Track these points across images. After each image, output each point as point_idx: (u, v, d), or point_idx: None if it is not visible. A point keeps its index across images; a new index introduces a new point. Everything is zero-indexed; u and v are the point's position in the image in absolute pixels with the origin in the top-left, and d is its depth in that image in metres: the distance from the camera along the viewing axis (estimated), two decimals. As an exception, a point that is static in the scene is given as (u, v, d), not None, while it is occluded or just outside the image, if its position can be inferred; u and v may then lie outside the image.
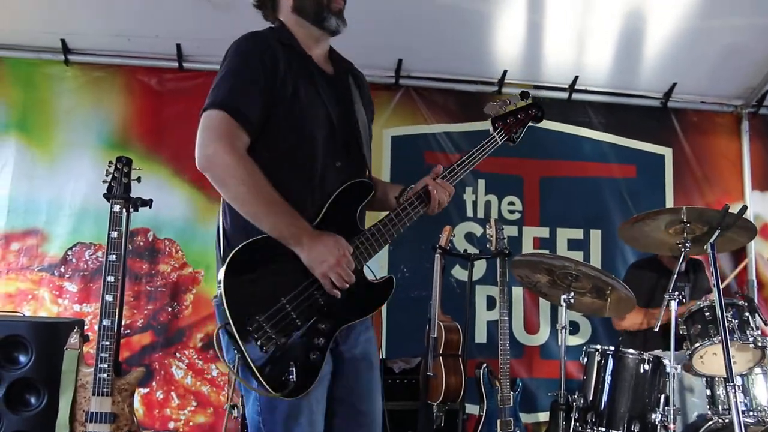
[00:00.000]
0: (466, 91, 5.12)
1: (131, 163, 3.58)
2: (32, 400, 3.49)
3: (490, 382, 4.00)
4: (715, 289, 3.12)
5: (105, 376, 3.31)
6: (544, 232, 5.14)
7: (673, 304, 3.41)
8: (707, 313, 3.53)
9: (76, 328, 3.45)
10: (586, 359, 3.80)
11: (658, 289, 4.15)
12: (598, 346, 3.78)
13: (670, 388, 3.41)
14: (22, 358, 3.50)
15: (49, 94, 4.74)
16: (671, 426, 3.37)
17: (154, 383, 4.59)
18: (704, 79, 5.13)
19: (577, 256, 4.98)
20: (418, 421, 3.95)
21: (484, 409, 4.00)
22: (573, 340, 4.95)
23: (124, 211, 3.51)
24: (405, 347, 4.39)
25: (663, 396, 3.48)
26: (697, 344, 3.48)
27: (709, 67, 5.01)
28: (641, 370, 3.58)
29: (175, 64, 4.78)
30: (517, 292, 5.00)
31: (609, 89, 5.23)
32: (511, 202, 5.13)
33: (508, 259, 4.06)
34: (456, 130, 5.08)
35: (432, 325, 3.98)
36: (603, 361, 3.69)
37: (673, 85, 5.17)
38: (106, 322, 3.34)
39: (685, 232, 3.45)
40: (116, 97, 4.79)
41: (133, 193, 3.57)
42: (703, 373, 3.57)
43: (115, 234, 3.45)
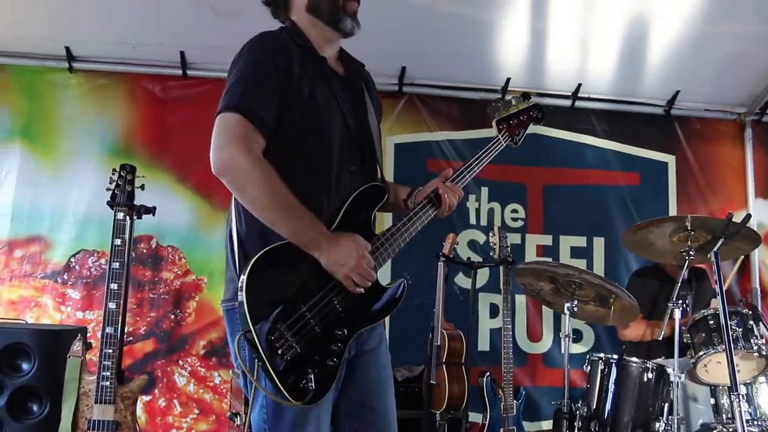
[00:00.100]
0: (470, 99, 5.11)
1: (135, 170, 3.60)
2: (35, 408, 3.49)
3: (494, 391, 3.99)
4: (719, 298, 3.11)
5: (108, 383, 3.31)
6: (547, 240, 5.12)
7: (677, 313, 3.40)
8: (711, 322, 3.51)
9: (79, 335, 3.45)
10: (589, 367, 3.79)
11: (661, 297, 4.13)
12: (602, 355, 3.77)
13: (674, 397, 3.39)
14: (25, 366, 3.51)
15: (53, 102, 4.74)
16: (675, 435, 3.36)
17: (157, 391, 4.57)
18: (707, 86, 5.13)
19: (580, 263, 4.98)
20: (421, 430, 3.94)
21: (487, 418, 3.99)
22: (576, 348, 4.92)
23: (128, 218, 3.51)
24: (408, 355, 4.36)
25: (667, 405, 3.47)
26: (701, 353, 3.46)
27: (713, 75, 5.01)
28: (645, 379, 3.57)
29: (179, 72, 4.79)
30: (520, 299, 4.98)
31: (612, 97, 5.23)
32: (514, 210, 5.12)
33: (511, 266, 4.07)
34: (459, 138, 5.08)
35: (435, 333, 3.97)
36: (606, 370, 3.69)
37: (677, 92, 5.17)
38: (109, 330, 3.35)
39: (689, 241, 3.45)
40: (120, 105, 4.79)
41: (137, 200, 3.58)
42: (707, 382, 3.56)
43: (118, 242, 3.46)
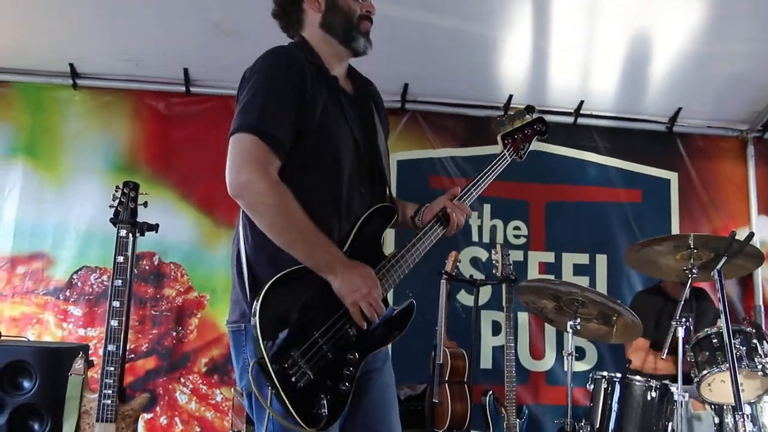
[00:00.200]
0: (473, 116, 5.13)
1: (138, 187, 3.61)
2: (36, 427, 3.47)
3: (496, 409, 3.97)
4: (723, 316, 3.10)
5: (109, 402, 3.30)
6: (549, 257, 5.12)
7: (681, 331, 3.38)
8: (715, 340, 3.49)
9: (81, 353, 3.45)
10: (592, 386, 3.78)
11: (664, 316, 4.12)
12: (605, 373, 3.76)
13: (678, 416, 3.37)
14: (26, 384, 3.50)
15: (57, 118, 4.77)
16: (679, 454, 3.34)
17: (158, 408, 4.56)
18: (709, 103, 5.14)
19: (583, 281, 4.97)
20: (423, 449, 3.93)
21: (490, 437, 3.97)
22: (579, 366, 4.90)
23: (131, 235, 3.52)
24: (410, 373, 4.33)
25: (670, 424, 3.45)
26: (705, 371, 3.45)
27: (715, 92, 5.02)
28: (648, 398, 3.55)
29: (183, 89, 4.80)
30: (523, 317, 4.96)
31: (614, 114, 5.24)
32: (517, 227, 5.12)
33: (513, 284, 4.06)
34: (461, 155, 5.09)
35: (438, 351, 3.96)
36: (610, 388, 3.67)
37: (679, 109, 5.18)
38: (111, 348, 3.34)
39: (692, 259, 3.44)
40: (124, 121, 4.82)
41: (140, 217, 3.60)
42: (711, 401, 3.54)
43: (121, 259, 3.46)
